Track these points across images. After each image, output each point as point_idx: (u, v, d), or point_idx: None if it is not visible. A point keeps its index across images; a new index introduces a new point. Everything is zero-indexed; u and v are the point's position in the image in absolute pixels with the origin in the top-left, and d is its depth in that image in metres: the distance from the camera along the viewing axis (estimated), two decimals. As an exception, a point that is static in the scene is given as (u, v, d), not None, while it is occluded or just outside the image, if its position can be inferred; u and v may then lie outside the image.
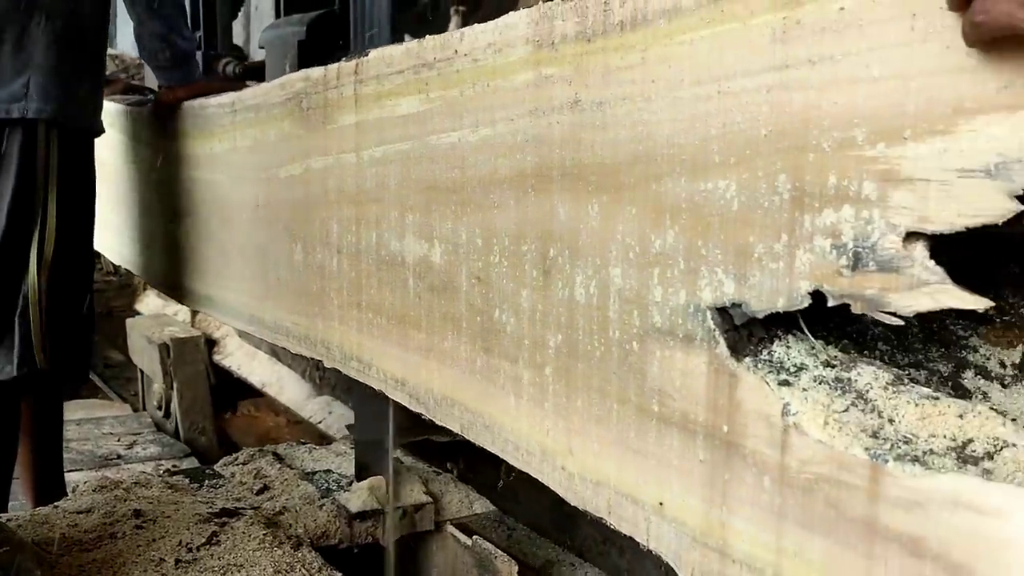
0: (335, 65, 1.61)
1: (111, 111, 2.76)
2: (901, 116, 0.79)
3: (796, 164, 0.88)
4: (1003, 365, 0.95)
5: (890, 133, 0.80)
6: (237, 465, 2.26)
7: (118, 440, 3.42)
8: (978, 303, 0.75)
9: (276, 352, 3.66)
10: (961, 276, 0.84)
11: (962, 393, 0.94)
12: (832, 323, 1.00)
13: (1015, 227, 0.77)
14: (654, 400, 1.05)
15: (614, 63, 1.06)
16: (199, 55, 3.78)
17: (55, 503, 2.03)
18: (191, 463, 2.97)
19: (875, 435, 0.85)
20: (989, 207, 0.74)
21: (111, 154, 2.83)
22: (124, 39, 5.71)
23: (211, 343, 4.05)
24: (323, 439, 3.03)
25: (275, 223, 1.88)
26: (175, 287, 2.61)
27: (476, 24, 1.27)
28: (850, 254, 0.84)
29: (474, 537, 1.89)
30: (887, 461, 0.82)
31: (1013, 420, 0.83)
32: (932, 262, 0.78)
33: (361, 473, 2.05)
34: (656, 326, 1.04)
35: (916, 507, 0.80)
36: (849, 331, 1.01)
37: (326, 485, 2.11)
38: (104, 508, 1.95)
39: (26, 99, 2.08)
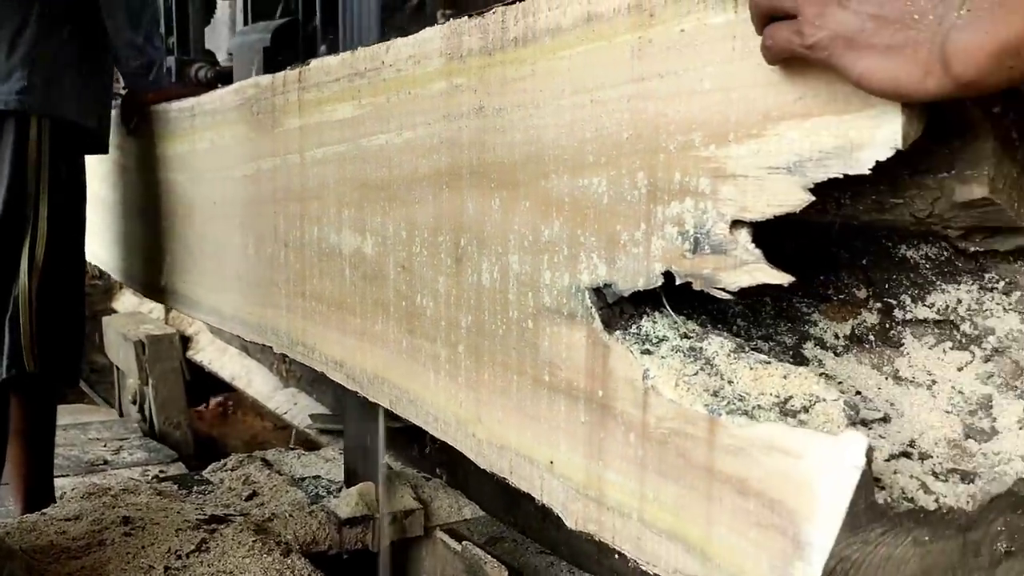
0: (281, 73, 1.74)
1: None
2: (726, 122, 0.93)
3: (650, 163, 1.02)
4: (836, 337, 1.09)
5: (718, 136, 0.94)
6: (226, 471, 2.25)
7: (104, 445, 3.40)
8: (783, 278, 0.90)
9: (246, 347, 3.79)
10: (806, 261, 0.98)
11: (800, 360, 1.09)
12: (697, 302, 1.15)
13: (827, 216, 0.92)
14: (545, 371, 1.19)
15: (510, 74, 1.20)
16: (172, 60, 3.92)
17: (43, 510, 2.01)
18: (178, 468, 3.00)
19: (715, 394, 1.00)
20: (790, 198, 0.88)
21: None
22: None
23: (185, 340, 4.17)
24: (303, 436, 3.16)
25: (231, 220, 2.01)
26: (145, 285, 2.74)
27: (398, 38, 1.41)
28: (691, 240, 0.98)
29: (463, 543, 1.89)
30: (721, 415, 0.96)
31: (827, 380, 0.97)
32: (752, 245, 0.93)
33: (350, 479, 2.03)
34: (546, 306, 1.18)
35: (742, 452, 0.94)
36: (711, 309, 1.16)
37: (315, 491, 2.10)
38: (92, 515, 1.93)
39: (21, 92, 2.08)
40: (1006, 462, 0.92)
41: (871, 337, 1.06)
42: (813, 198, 0.86)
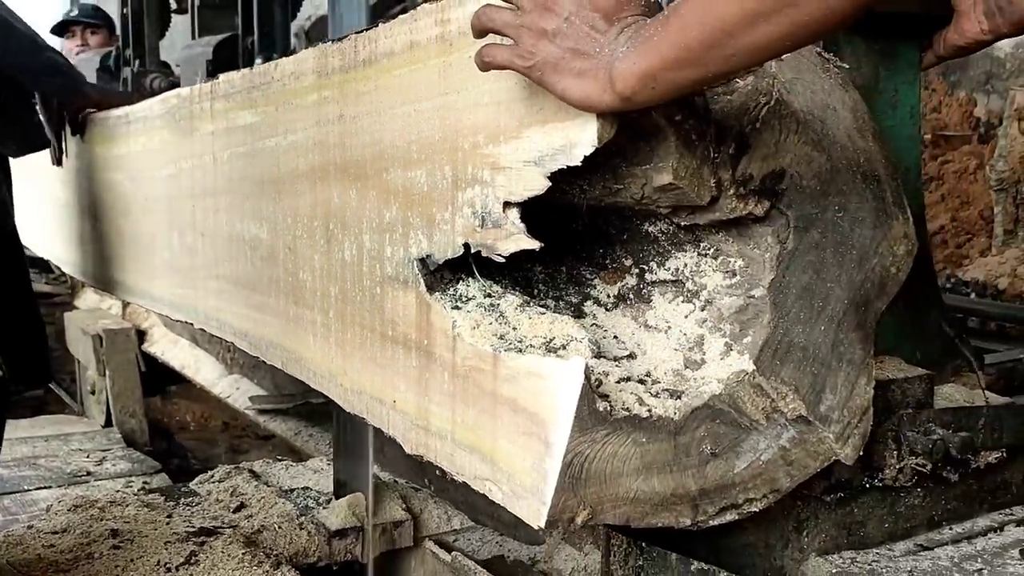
0: (197, 86, 2.03)
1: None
2: (499, 127, 1.22)
3: (453, 159, 1.31)
4: (608, 296, 1.39)
5: (494, 138, 1.23)
6: (213, 483, 2.24)
7: (87, 456, 3.37)
8: (534, 244, 1.19)
9: (195, 337, 4.06)
10: (590, 238, 1.27)
11: (580, 314, 1.38)
12: (507, 271, 1.44)
13: (574, 198, 1.21)
14: (389, 328, 1.48)
15: (361, 88, 1.49)
16: (128, 71, 4.19)
17: (29, 523, 2.00)
18: (162, 480, 3.00)
19: (501, 337, 1.28)
20: (537, 184, 1.17)
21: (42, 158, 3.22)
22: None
23: (141, 333, 4.44)
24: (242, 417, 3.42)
25: (159, 214, 2.29)
26: (95, 278, 3.01)
27: (283, 57, 1.70)
28: (480, 217, 1.27)
29: (453, 553, 1.92)
30: (501, 352, 1.25)
31: (582, 325, 1.26)
32: (518, 220, 1.22)
33: (339, 490, 2.03)
34: (389, 275, 1.47)
35: (513, 379, 1.23)
36: (518, 277, 1.45)
37: (304, 503, 2.10)
38: (80, 528, 1.93)
39: None
40: (707, 384, 1.21)
41: (631, 295, 1.36)
42: (550, 184, 1.15)
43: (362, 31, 1.49)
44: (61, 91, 2.62)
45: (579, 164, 1.10)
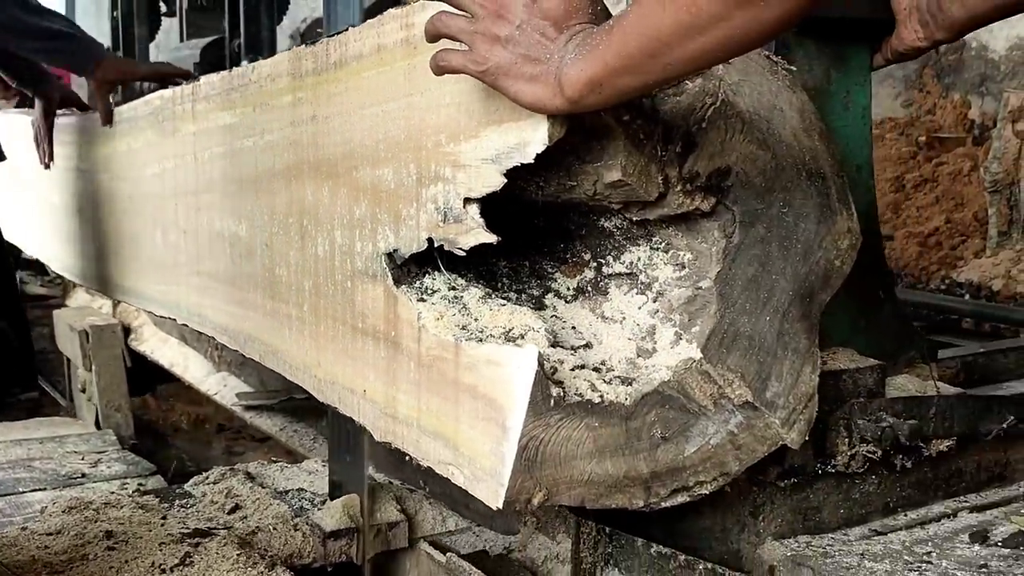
0: (180, 87, 2.08)
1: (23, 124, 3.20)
2: (459, 127, 1.28)
3: (417, 157, 1.37)
4: (568, 289, 1.45)
5: (455, 137, 1.29)
6: (208, 484, 2.24)
7: (82, 458, 3.27)
8: (492, 238, 1.25)
9: (184, 336, 4.11)
10: (552, 234, 1.33)
11: (541, 306, 1.44)
12: (472, 265, 1.49)
13: (533, 195, 1.27)
14: (359, 320, 1.54)
15: (332, 90, 1.55)
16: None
17: (24, 524, 2.00)
18: (157, 482, 2.97)
19: (464, 328, 1.34)
20: (494, 181, 1.23)
21: (31, 157, 3.27)
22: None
23: (128, 330, 4.49)
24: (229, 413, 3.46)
25: (145, 213, 2.35)
26: (88, 277, 3.07)
27: (261, 59, 1.76)
28: (442, 213, 1.33)
29: (448, 554, 1.92)
30: (462, 341, 1.31)
31: (541, 316, 1.32)
32: (478, 216, 1.27)
33: (334, 491, 2.03)
34: (359, 269, 1.53)
35: (473, 367, 1.28)
36: (483, 271, 1.50)
37: (299, 504, 2.09)
38: (75, 529, 1.93)
39: None
40: (657, 371, 1.27)
41: (589, 288, 1.42)
42: (507, 180, 1.21)
43: (333, 35, 1.54)
44: (72, 58, 2.44)
45: (532, 161, 1.16)
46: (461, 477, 1.32)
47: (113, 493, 2.19)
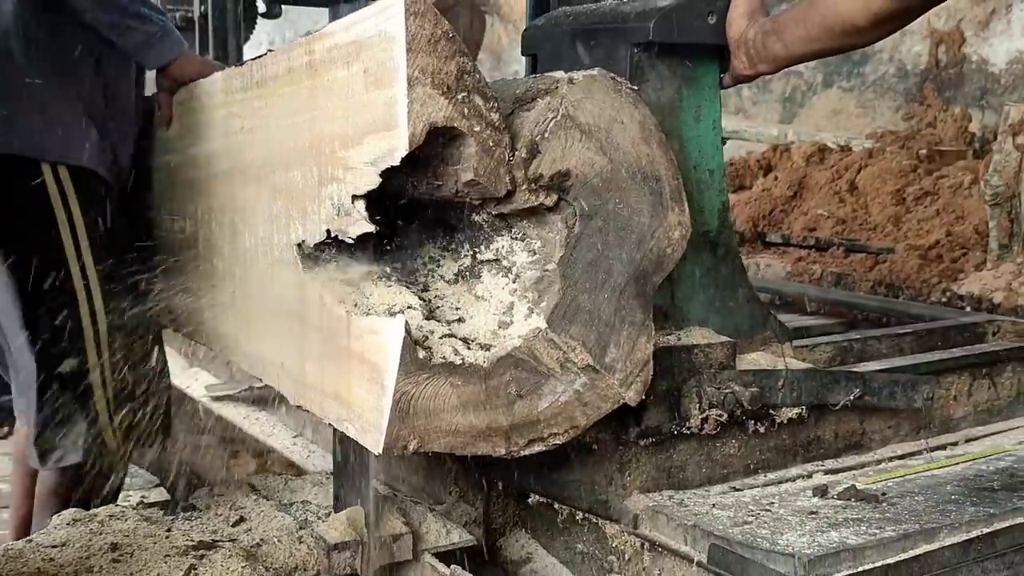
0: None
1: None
2: (348, 136, 1.54)
3: (319, 162, 1.62)
4: (451, 272, 1.70)
5: (346, 144, 1.55)
6: (212, 497, 2.25)
7: None
8: (371, 228, 1.50)
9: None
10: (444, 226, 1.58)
11: (427, 288, 1.70)
12: (380, 253, 1.74)
13: (410, 192, 1.53)
14: (278, 302, 1.79)
15: (256, 105, 1.81)
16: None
17: (29, 537, 2.01)
18: (160, 494, 2.99)
19: (356, 304, 1.60)
20: (372, 181, 1.48)
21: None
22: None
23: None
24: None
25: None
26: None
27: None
28: (338, 208, 1.58)
29: (452, 567, 1.94)
30: (354, 316, 1.56)
31: (421, 296, 1.57)
32: (363, 210, 1.52)
33: (339, 504, 2.05)
34: (277, 258, 1.78)
35: (361, 337, 1.53)
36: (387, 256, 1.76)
37: (304, 516, 2.10)
38: (80, 542, 1.93)
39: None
40: (512, 339, 1.53)
41: (466, 272, 1.67)
42: (381, 180, 1.47)
43: (256, 58, 1.80)
44: (149, 45, 2.12)
45: (399, 164, 1.42)
46: (353, 430, 1.57)
47: (117, 506, 2.16)
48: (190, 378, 3.97)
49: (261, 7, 3.88)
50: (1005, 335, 2.54)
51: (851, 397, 1.98)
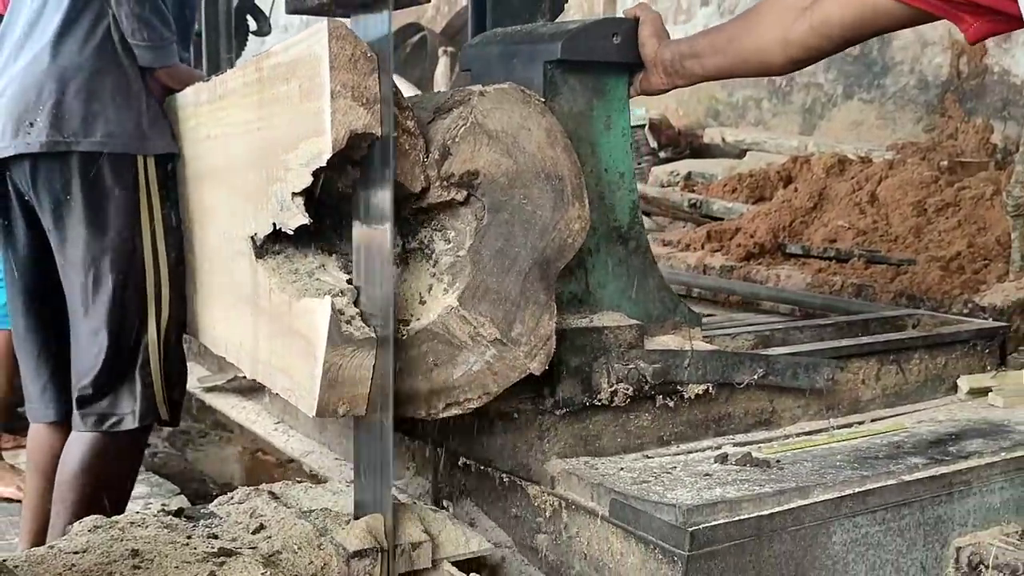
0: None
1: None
2: (288, 141, 1.78)
3: (267, 164, 1.87)
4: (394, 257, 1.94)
5: (288, 148, 1.79)
6: (232, 504, 2.24)
7: None
8: (307, 220, 1.74)
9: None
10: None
11: (363, 275, 1.93)
12: (328, 244, 1.98)
13: (346, 190, 1.77)
14: (238, 289, 2.03)
15: (219, 115, 2.06)
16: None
17: (50, 543, 2.05)
18: (181, 502, 3.02)
19: (299, 289, 1.83)
20: (307, 180, 1.72)
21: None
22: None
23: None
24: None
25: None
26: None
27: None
28: (280, 204, 1.83)
29: (471, 575, 1.96)
30: (294, 299, 1.80)
31: (348, 282, 1.81)
32: (302, 205, 1.76)
33: (359, 511, 2.06)
34: (236, 250, 2.03)
35: (300, 316, 1.77)
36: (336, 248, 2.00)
37: (323, 524, 2.10)
38: (101, 548, 1.95)
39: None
40: (428, 316, 1.77)
41: (398, 259, 1.91)
42: (313, 179, 1.71)
43: (216, 73, 2.06)
44: (151, 46, 2.28)
45: (325, 164, 1.66)
46: (294, 398, 1.81)
47: (138, 513, 2.18)
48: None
49: (252, 25, 4.16)
50: (924, 327, 2.74)
51: (755, 377, 2.19)
